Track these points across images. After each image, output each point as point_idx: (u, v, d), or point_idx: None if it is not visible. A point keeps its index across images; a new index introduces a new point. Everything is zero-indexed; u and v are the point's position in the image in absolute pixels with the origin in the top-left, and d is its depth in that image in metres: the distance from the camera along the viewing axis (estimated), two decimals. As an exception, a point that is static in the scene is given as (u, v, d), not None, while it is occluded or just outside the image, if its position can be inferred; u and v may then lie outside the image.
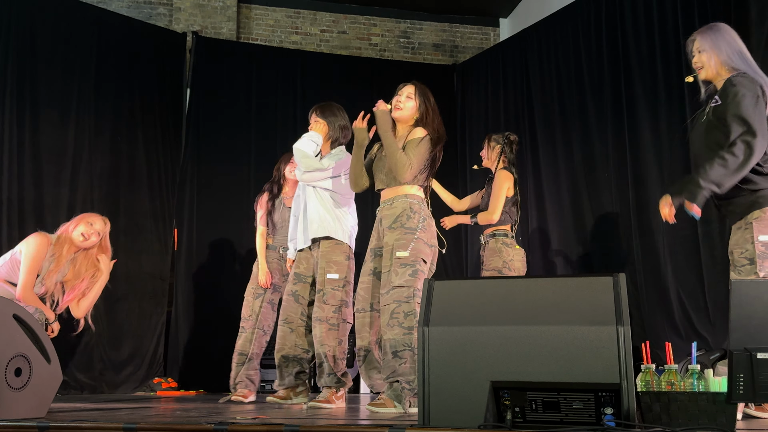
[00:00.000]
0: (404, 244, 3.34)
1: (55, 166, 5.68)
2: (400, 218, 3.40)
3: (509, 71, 6.65)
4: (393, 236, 3.38)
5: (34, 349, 2.64)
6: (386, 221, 3.45)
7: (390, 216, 3.44)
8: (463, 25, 7.92)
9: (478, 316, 2.18)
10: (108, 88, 6.06)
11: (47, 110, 5.67)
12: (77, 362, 5.50)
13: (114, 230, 5.86)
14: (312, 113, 4.07)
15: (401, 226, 3.38)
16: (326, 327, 3.69)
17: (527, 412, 2.11)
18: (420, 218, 3.40)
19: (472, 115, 7.01)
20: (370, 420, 2.79)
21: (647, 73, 5.16)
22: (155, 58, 6.48)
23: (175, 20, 7.03)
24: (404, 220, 3.39)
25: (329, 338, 3.70)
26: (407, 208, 3.41)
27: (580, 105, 5.74)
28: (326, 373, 3.71)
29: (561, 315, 2.10)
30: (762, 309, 2.11)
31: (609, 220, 5.42)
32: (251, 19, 7.43)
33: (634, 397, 2.03)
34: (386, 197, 3.52)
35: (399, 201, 3.44)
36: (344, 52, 7.51)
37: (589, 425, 2.01)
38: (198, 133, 6.56)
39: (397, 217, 3.41)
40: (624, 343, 2.01)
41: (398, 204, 3.44)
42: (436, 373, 2.15)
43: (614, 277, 2.14)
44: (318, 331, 3.71)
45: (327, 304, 3.71)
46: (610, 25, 5.53)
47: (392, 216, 3.43)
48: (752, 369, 2.04)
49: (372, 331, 3.48)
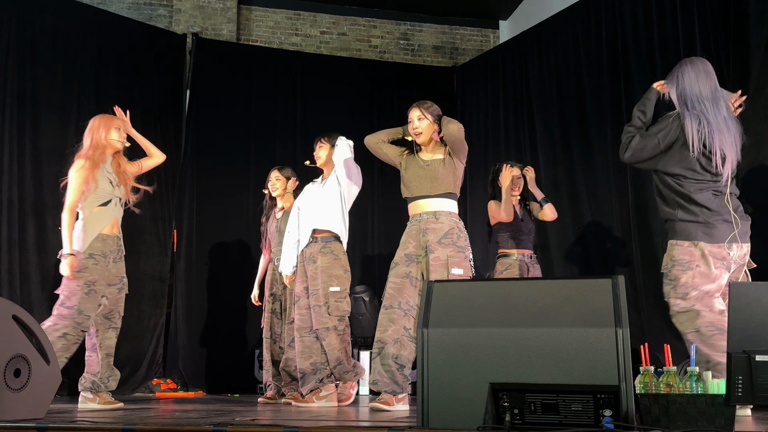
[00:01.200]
0: (458, 263, 3.62)
1: (56, 167, 5.67)
2: (450, 236, 3.66)
3: (509, 73, 6.66)
4: (446, 252, 3.63)
5: (33, 350, 2.64)
6: (433, 235, 3.66)
7: (438, 231, 3.67)
8: (462, 27, 7.92)
9: (478, 318, 2.18)
10: (108, 90, 6.06)
11: (47, 111, 5.67)
12: (77, 363, 5.48)
13: (113, 231, 5.89)
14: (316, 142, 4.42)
15: (453, 244, 3.65)
16: (335, 334, 4.07)
17: (526, 414, 2.11)
18: (465, 237, 3.74)
19: (472, 117, 7.02)
20: (370, 421, 2.80)
21: (646, 75, 5.16)
22: (155, 60, 6.48)
23: (175, 21, 7.03)
24: (455, 238, 3.66)
25: (341, 343, 4.09)
26: (455, 226, 3.70)
27: (580, 107, 5.75)
28: (344, 371, 4.13)
29: (560, 317, 2.11)
30: (761, 311, 2.11)
31: (608, 222, 5.43)
32: (251, 20, 7.43)
33: (633, 399, 2.04)
34: (428, 209, 3.72)
35: (444, 218, 3.70)
36: (344, 54, 7.52)
37: (587, 427, 2.01)
38: (198, 135, 6.57)
39: (447, 233, 3.66)
40: (623, 345, 2.01)
41: (445, 221, 3.69)
42: (435, 375, 2.15)
43: (613, 280, 2.14)
44: (330, 338, 4.06)
45: (332, 315, 4.06)
46: (609, 27, 5.54)
47: (440, 231, 3.66)
48: (751, 371, 2.05)
49: (393, 328, 3.62)
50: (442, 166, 3.72)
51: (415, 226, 3.74)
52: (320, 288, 4.08)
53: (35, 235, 5.46)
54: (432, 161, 3.74)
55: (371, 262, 6.83)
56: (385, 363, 3.56)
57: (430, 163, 3.74)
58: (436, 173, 3.71)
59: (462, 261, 3.63)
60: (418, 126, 3.75)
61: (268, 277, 4.79)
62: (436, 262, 3.61)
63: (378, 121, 7.02)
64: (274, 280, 4.73)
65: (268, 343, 4.71)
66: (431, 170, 3.72)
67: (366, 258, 6.79)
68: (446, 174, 3.72)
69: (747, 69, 4.41)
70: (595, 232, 5.51)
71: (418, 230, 3.71)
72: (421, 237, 3.69)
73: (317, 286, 4.09)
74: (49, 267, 5.49)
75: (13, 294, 5.19)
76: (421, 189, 3.74)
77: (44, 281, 5.44)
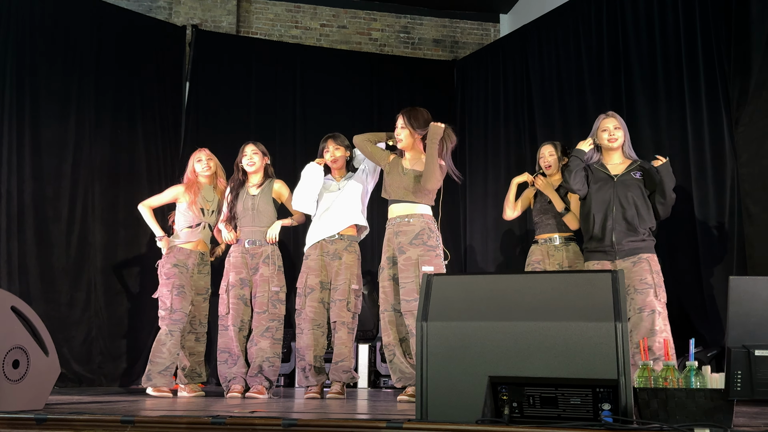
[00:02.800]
0: (428, 261, 3.86)
1: (56, 158, 5.67)
2: (420, 236, 3.90)
3: (509, 67, 6.64)
4: (416, 251, 3.87)
5: (32, 341, 2.64)
6: (404, 237, 3.92)
7: (409, 233, 3.92)
8: (463, 21, 7.90)
9: (477, 311, 2.18)
10: (108, 81, 6.05)
11: (47, 103, 5.66)
12: (76, 355, 5.50)
13: (114, 223, 5.89)
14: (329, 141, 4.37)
15: (423, 243, 3.88)
16: (347, 330, 4.20)
17: (525, 408, 2.11)
18: (436, 237, 3.95)
19: (472, 110, 7.00)
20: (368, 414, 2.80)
21: (647, 70, 5.15)
22: (155, 52, 6.46)
23: (175, 13, 7.01)
24: (425, 238, 3.90)
25: (349, 339, 4.21)
26: (426, 227, 3.92)
27: (580, 101, 5.73)
28: (343, 370, 4.18)
29: (559, 311, 2.11)
30: (760, 306, 2.11)
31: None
32: (251, 12, 7.41)
33: (632, 393, 2.04)
34: (400, 213, 3.99)
35: (416, 220, 3.94)
36: (344, 47, 7.50)
37: (586, 421, 2.01)
38: (197, 127, 6.55)
39: (417, 234, 3.90)
40: (622, 340, 2.01)
41: (416, 223, 3.93)
42: (434, 368, 2.15)
43: (612, 274, 2.14)
44: (342, 333, 4.18)
45: (350, 311, 4.20)
46: (610, 21, 5.52)
47: (412, 233, 3.91)
48: (750, 366, 2.05)
49: (395, 330, 3.95)
50: (418, 180, 3.96)
51: (390, 230, 4.02)
52: (344, 283, 4.18)
53: (34, 227, 5.45)
54: (410, 171, 4.01)
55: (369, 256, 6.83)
56: (401, 362, 3.90)
57: (407, 172, 4.00)
58: (409, 183, 3.97)
59: (432, 259, 3.88)
60: (399, 133, 4.02)
61: (236, 261, 4.40)
62: (407, 262, 3.88)
63: (377, 114, 7.01)
64: (243, 264, 4.40)
65: (234, 332, 4.33)
66: (407, 179, 3.98)
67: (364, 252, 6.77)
68: (419, 186, 3.96)
69: (748, 64, 4.40)
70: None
71: (393, 233, 3.99)
72: (395, 239, 3.97)
73: (340, 281, 4.19)
74: (48, 259, 5.50)
75: (12, 285, 5.19)
76: (397, 194, 4.01)
77: (43, 273, 5.44)
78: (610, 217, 3.97)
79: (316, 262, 4.26)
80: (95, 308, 5.70)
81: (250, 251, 4.41)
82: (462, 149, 6.88)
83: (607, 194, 4.01)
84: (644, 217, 3.96)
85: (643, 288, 3.82)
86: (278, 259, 4.43)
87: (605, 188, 4.03)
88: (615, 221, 3.95)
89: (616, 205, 3.97)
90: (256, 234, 4.41)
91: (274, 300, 4.36)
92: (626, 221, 3.95)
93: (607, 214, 3.98)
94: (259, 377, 4.24)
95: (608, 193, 4.01)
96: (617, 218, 3.95)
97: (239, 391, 4.24)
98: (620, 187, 4.00)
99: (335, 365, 4.19)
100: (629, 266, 3.89)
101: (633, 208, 3.95)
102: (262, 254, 4.40)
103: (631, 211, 3.95)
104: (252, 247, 4.41)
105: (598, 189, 4.04)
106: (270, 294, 4.35)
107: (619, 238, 3.93)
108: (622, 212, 3.96)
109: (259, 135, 6.66)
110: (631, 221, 3.94)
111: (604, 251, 3.98)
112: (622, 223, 3.95)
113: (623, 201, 3.96)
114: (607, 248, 3.97)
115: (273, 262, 4.38)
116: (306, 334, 4.20)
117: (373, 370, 5.93)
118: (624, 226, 3.95)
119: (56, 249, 5.56)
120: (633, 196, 3.97)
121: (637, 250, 3.92)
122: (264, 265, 4.38)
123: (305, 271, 4.28)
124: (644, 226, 3.95)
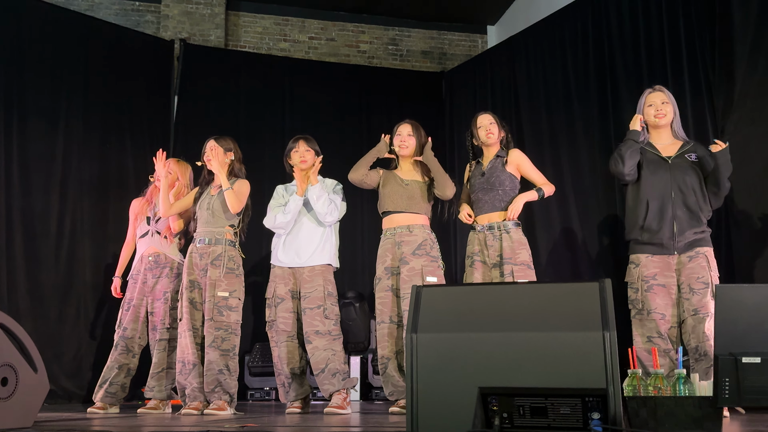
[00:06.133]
0: (432, 271, 3.87)
1: (44, 173, 5.65)
2: (424, 247, 3.91)
3: (497, 78, 6.68)
4: (420, 262, 3.88)
5: (21, 358, 2.62)
6: (408, 247, 3.91)
7: (412, 243, 3.92)
8: (451, 33, 7.95)
9: (466, 322, 2.19)
10: (96, 96, 6.04)
11: (35, 117, 5.65)
12: (66, 371, 5.46)
13: (104, 238, 5.87)
14: (300, 141, 4.18)
15: (426, 254, 3.90)
16: (330, 338, 3.97)
17: (515, 418, 2.11)
18: (437, 248, 3.98)
19: (461, 122, 7.03)
20: (360, 427, 2.79)
21: (633, 80, 5.20)
22: (143, 66, 6.47)
23: (163, 27, 7.02)
24: (428, 248, 3.92)
25: (337, 345, 3.99)
26: (428, 238, 3.95)
27: (567, 111, 5.78)
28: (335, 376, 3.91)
29: (548, 321, 2.11)
30: (746, 314, 2.13)
31: (596, 226, 5.45)
32: (239, 26, 7.43)
33: (621, 401, 2.04)
34: (402, 223, 3.98)
35: (418, 230, 3.95)
36: (333, 59, 7.53)
37: (576, 430, 2.01)
38: (186, 141, 6.55)
39: (420, 245, 3.91)
40: (610, 349, 2.02)
41: (418, 233, 3.94)
42: (424, 380, 2.15)
43: (600, 283, 2.15)
44: (322, 342, 3.93)
45: (329, 318, 4.00)
46: (596, 32, 5.58)
47: (414, 243, 3.91)
48: (737, 373, 2.06)
49: (391, 342, 3.88)
50: (420, 188, 4.00)
51: (390, 239, 3.98)
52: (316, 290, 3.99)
53: (23, 243, 5.43)
54: (411, 182, 4.02)
55: (360, 267, 6.83)
56: (393, 375, 3.84)
57: (409, 183, 4.02)
58: (413, 193, 3.99)
59: (435, 269, 3.89)
60: (406, 141, 4.03)
61: (188, 261, 4.13)
62: (410, 272, 3.86)
63: (366, 127, 7.03)
64: (194, 265, 4.11)
65: (188, 338, 4.03)
66: (410, 189, 3.99)
67: (354, 263, 6.78)
68: (423, 196, 4.00)
69: (732, 73, 4.46)
70: (584, 235, 5.54)
71: (393, 243, 3.96)
72: (397, 249, 3.94)
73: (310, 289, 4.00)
74: (36, 275, 5.46)
75: (1, 302, 5.16)
76: (397, 205, 4.00)
77: (32, 289, 5.40)
78: (668, 204, 3.53)
79: (284, 270, 4.08)
80: (85, 324, 5.67)
81: (200, 250, 4.09)
82: (451, 160, 6.91)
83: (663, 178, 3.57)
84: (703, 205, 3.55)
85: (700, 288, 3.43)
86: (230, 261, 4.07)
87: (660, 172, 3.58)
88: (675, 208, 3.52)
89: (675, 190, 3.54)
90: (209, 234, 4.10)
91: (221, 306, 3.98)
92: (688, 209, 3.53)
93: (664, 201, 3.54)
94: (216, 391, 3.92)
95: (664, 177, 3.57)
96: (677, 205, 3.52)
97: (197, 408, 3.95)
98: (677, 171, 3.57)
99: (318, 377, 3.92)
100: (685, 262, 3.52)
101: (693, 194, 3.53)
102: (211, 254, 4.06)
103: (692, 197, 3.53)
104: (202, 245, 4.09)
105: (653, 173, 3.60)
106: (216, 299, 3.98)
107: (682, 228, 3.51)
108: (683, 198, 3.54)
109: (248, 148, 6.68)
110: (693, 208, 3.52)
111: (661, 244, 3.55)
112: (684, 212, 3.53)
113: (682, 186, 3.54)
114: (665, 241, 3.53)
115: (223, 264, 4.03)
116: (280, 347, 4.00)
117: (366, 383, 5.91)
118: (687, 214, 3.53)
119: (45, 265, 5.53)
120: (691, 181, 3.55)
121: (695, 243, 3.52)
122: (212, 267, 4.03)
123: (273, 279, 4.10)
124: (704, 214, 3.56)
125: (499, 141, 4.15)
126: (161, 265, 4.43)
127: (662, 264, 3.56)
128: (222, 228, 4.12)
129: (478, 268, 3.98)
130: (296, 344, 4.04)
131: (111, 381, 4.28)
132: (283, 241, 4.13)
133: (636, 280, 3.64)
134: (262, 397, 5.98)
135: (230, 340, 4.00)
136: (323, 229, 4.10)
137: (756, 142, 4.25)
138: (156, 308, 4.37)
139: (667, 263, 3.56)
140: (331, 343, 3.95)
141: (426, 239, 3.93)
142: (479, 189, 4.05)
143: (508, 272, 3.85)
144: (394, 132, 4.10)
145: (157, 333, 4.34)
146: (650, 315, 3.55)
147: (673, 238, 3.51)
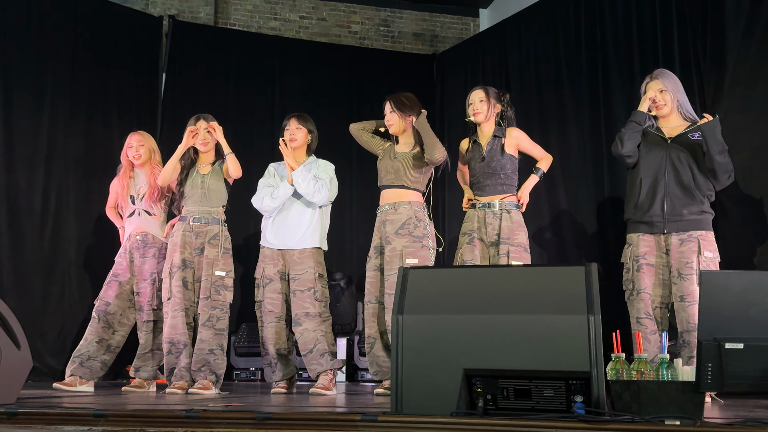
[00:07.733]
0: (413, 252, 3.75)
1: (29, 149, 5.59)
2: (407, 226, 3.80)
3: (488, 61, 6.66)
4: (401, 242, 3.78)
5: (3, 335, 2.60)
6: (391, 226, 3.83)
7: (395, 221, 3.83)
8: (443, 15, 7.90)
9: (452, 304, 2.19)
10: (83, 72, 5.97)
11: (21, 93, 5.57)
12: (50, 348, 5.44)
13: (89, 215, 5.82)
14: (292, 119, 4.19)
15: (409, 234, 3.78)
16: (320, 320, 3.97)
17: (499, 400, 2.12)
18: (424, 226, 3.82)
19: (452, 104, 7.01)
20: (344, 407, 2.80)
21: (625, 64, 5.20)
22: (131, 42, 6.38)
23: (152, 3, 6.93)
24: (411, 228, 3.80)
25: (326, 327, 4.00)
26: (412, 216, 3.82)
27: (558, 95, 5.77)
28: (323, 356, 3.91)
29: (533, 304, 2.12)
30: (730, 300, 2.14)
31: (584, 210, 5.46)
32: (229, 3, 7.35)
33: (604, 385, 2.06)
34: (389, 200, 3.91)
35: (403, 207, 3.84)
36: (323, 40, 7.46)
37: (559, 413, 2.03)
38: (173, 118, 6.48)
39: (404, 224, 3.81)
40: (594, 332, 2.03)
41: (403, 211, 3.83)
42: (409, 361, 2.16)
43: (586, 267, 2.16)
44: (312, 323, 3.94)
45: (319, 301, 4.00)
46: (588, 15, 5.56)
47: (398, 222, 3.82)
48: (720, 359, 2.07)
49: (377, 322, 3.85)
50: (408, 160, 3.89)
51: (379, 218, 3.94)
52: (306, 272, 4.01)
53: (7, 219, 5.38)
54: (400, 154, 3.93)
55: (348, 249, 6.83)
56: (379, 355, 3.82)
57: (398, 155, 3.93)
58: (399, 165, 3.89)
59: (418, 250, 3.76)
60: (389, 119, 3.97)
61: (180, 240, 4.09)
62: (392, 253, 3.79)
63: (357, 108, 6.99)
64: (186, 243, 4.09)
65: (179, 318, 4.00)
66: (397, 162, 3.90)
67: (343, 245, 6.77)
68: (409, 167, 3.88)
69: (723, 61, 4.45)
70: (571, 219, 5.55)
71: (381, 221, 3.92)
72: (382, 228, 3.90)
73: (300, 270, 4.02)
74: (21, 251, 5.42)
75: (-15, 279, 5.12)
76: (387, 178, 3.94)
77: (16, 265, 5.36)
78: (661, 181, 3.50)
79: (273, 252, 4.09)
80: (69, 301, 5.64)
81: (195, 229, 4.09)
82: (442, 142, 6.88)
83: (658, 156, 3.55)
84: (701, 182, 3.47)
85: (687, 273, 3.40)
86: (226, 241, 4.14)
87: (656, 150, 3.56)
88: (667, 186, 3.48)
89: (669, 168, 3.50)
90: (204, 213, 4.11)
91: (218, 285, 4.02)
92: (681, 186, 3.48)
93: (657, 178, 3.52)
94: (203, 371, 3.94)
95: (659, 155, 3.55)
96: (669, 183, 3.49)
97: (182, 387, 3.94)
98: (673, 149, 3.54)
99: (306, 358, 3.95)
100: (676, 244, 3.47)
101: (688, 171, 3.48)
102: (207, 233, 4.09)
103: (687, 174, 3.48)
104: (197, 224, 4.10)
105: (648, 152, 3.58)
106: (214, 279, 4.02)
107: (673, 206, 3.47)
108: (675, 176, 3.49)
109: (237, 126, 6.64)
110: (687, 185, 3.47)
111: (650, 222, 3.53)
112: (675, 189, 3.48)
113: (676, 163, 3.50)
114: (654, 219, 3.51)
115: (220, 244, 4.08)
116: (267, 328, 4.01)
117: (352, 364, 5.93)
118: (679, 191, 3.48)
119: (29, 241, 5.49)
120: (687, 158, 3.50)
121: (690, 225, 3.46)
122: (210, 246, 4.07)
123: (262, 260, 4.11)
124: (702, 192, 3.48)
125: (493, 118, 4.09)
126: (148, 245, 4.39)
127: (653, 243, 3.57)
128: (217, 207, 4.19)
129: (477, 245, 3.91)
130: (283, 325, 4.05)
131: (91, 356, 4.20)
132: (272, 222, 4.12)
133: (628, 260, 3.65)
134: (247, 377, 5.98)
135: (224, 319, 4.06)
136: (313, 210, 4.09)
137: (745, 130, 4.25)
138: (142, 288, 4.31)
139: (657, 242, 3.57)
140: (321, 325, 3.97)
141: (410, 218, 3.80)
142: (480, 173, 4.02)
143: (504, 252, 3.80)
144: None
145: (143, 314, 4.30)
146: (639, 295, 3.56)
147: (664, 216, 3.49)
